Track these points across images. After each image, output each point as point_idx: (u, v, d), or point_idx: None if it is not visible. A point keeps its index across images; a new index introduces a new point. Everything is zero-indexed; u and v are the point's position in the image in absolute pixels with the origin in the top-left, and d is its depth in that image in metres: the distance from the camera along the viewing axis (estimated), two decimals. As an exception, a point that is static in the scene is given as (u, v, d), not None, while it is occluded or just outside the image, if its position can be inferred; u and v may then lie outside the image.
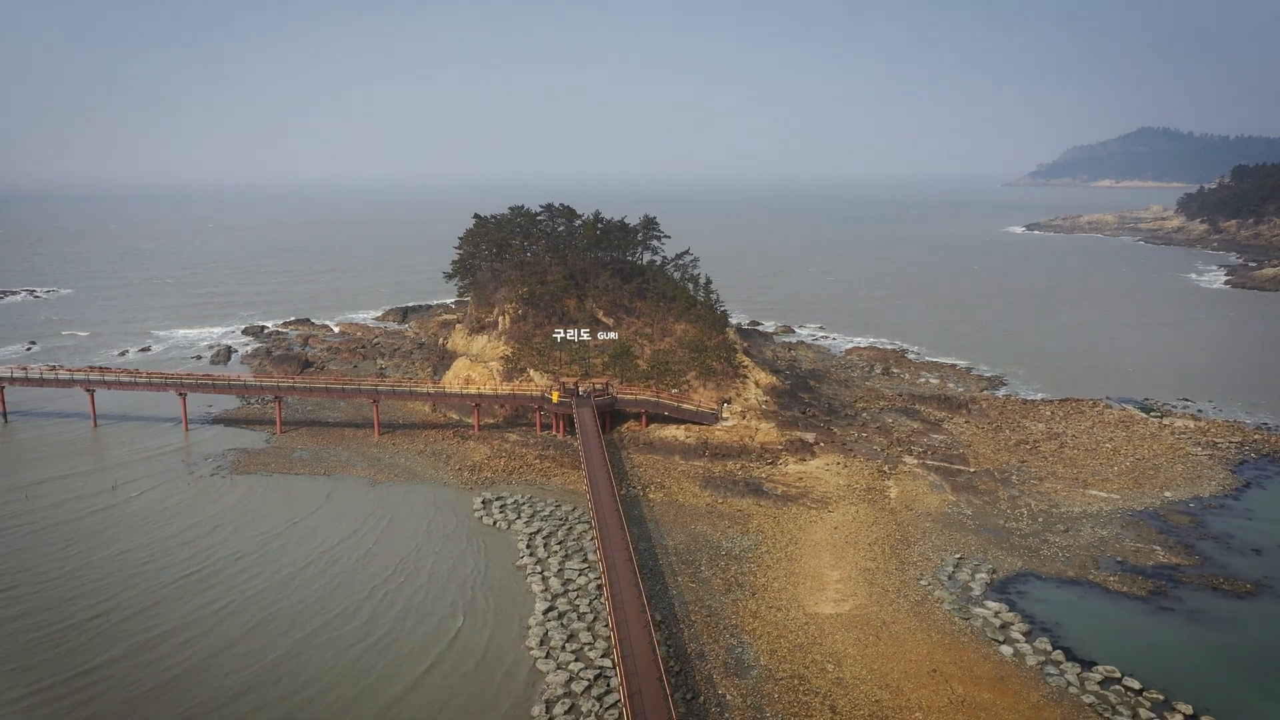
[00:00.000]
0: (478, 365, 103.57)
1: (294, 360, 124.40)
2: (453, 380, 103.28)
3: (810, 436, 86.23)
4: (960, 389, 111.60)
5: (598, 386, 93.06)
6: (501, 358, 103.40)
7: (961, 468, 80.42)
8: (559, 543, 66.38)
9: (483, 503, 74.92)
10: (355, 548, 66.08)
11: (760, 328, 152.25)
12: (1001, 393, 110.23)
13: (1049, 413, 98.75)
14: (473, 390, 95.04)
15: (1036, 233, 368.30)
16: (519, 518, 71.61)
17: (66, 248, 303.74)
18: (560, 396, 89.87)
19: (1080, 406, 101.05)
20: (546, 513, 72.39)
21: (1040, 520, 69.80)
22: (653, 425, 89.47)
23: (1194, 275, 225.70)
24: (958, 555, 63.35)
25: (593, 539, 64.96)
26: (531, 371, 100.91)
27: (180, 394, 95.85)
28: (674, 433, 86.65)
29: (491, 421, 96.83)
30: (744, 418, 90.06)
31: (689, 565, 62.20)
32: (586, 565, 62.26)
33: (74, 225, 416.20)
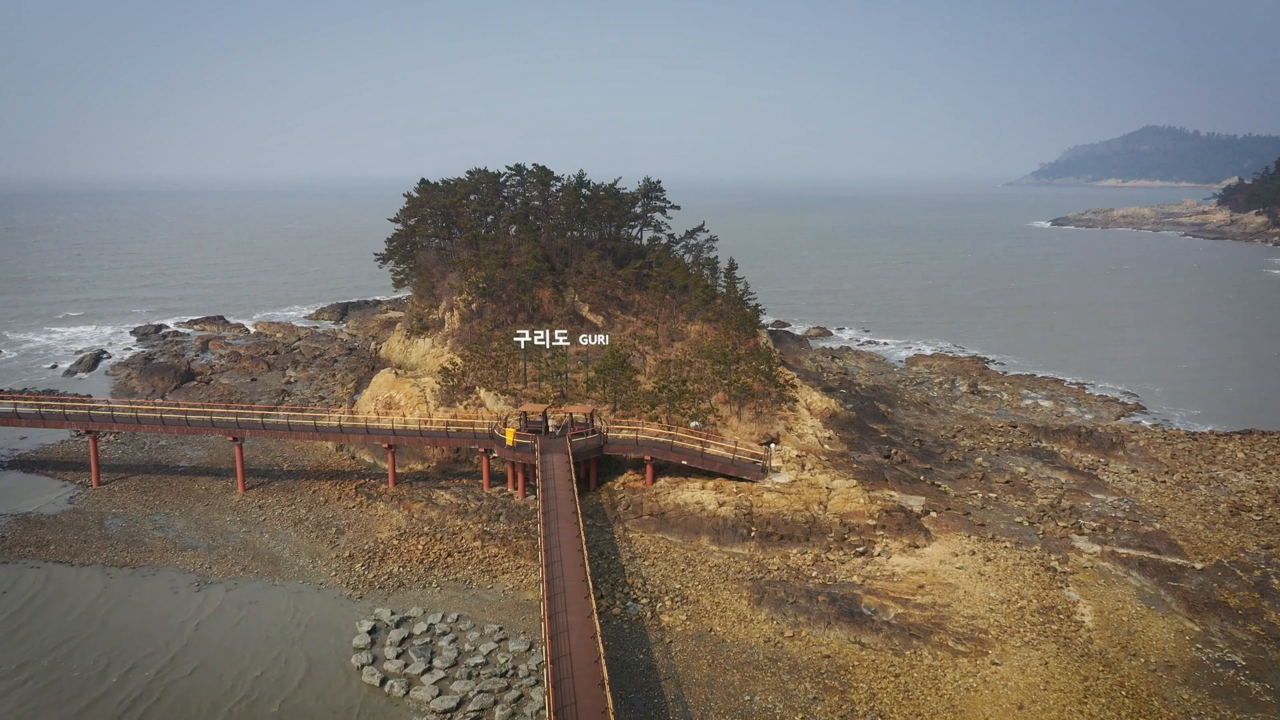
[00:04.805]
0: (405, 382, 71.35)
1: (170, 371, 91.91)
2: (369, 403, 71.18)
3: (916, 502, 54.34)
4: (1089, 416, 79.97)
5: (578, 417, 61.14)
6: (441, 370, 71.29)
7: (1179, 560, 48.65)
8: (494, 740, 34.51)
9: (373, 630, 42.99)
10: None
11: (789, 329, 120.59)
12: (1148, 422, 78.62)
13: (1241, 455, 67.24)
14: (385, 424, 62.70)
15: (1069, 228, 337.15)
16: (429, 668, 39.68)
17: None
18: (519, 434, 57.83)
19: (1277, 443, 69.62)
20: (481, 655, 40.53)
21: (1381, 681, 38.07)
22: (663, 480, 57.46)
23: (1278, 271, 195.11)
24: (1292, 786, 31.59)
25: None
26: (482, 392, 68.84)
27: (-57, 426, 63.58)
28: (697, 494, 54.59)
29: (420, 469, 64.81)
30: (803, 467, 58.17)
31: (753, 813, 30.27)
32: (542, 814, 30.37)
33: (6, 220, 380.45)
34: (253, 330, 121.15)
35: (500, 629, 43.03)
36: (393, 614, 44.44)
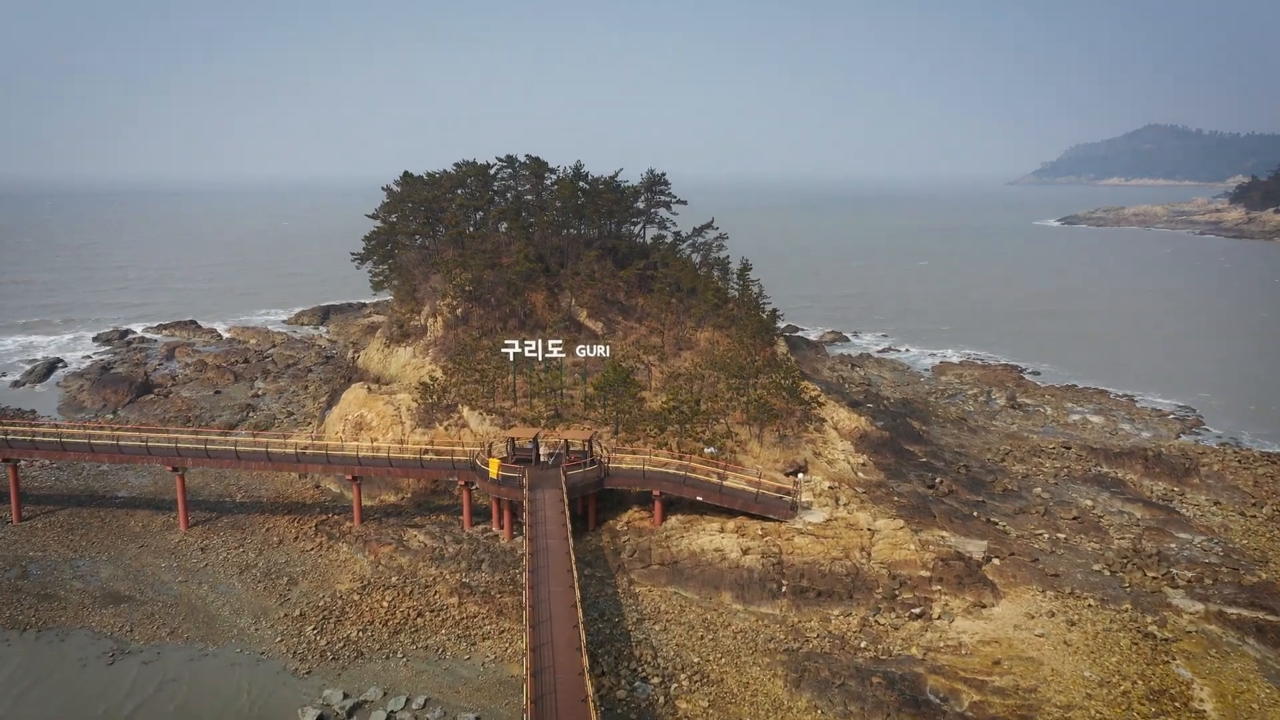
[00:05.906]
0: (378, 399, 62.87)
1: (125, 383, 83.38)
2: (338, 422, 62.70)
3: (975, 548, 45.94)
4: (1147, 434, 71.59)
5: (573, 444, 52.68)
6: (419, 386, 62.78)
7: (1301, 625, 40.23)
8: None
9: (320, 719, 34.58)
10: None
11: (802, 334, 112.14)
12: (1214, 441, 70.20)
13: (1332, 482, 58.87)
14: (350, 451, 54.16)
15: (1080, 226, 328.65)
16: (386, 778, 31.26)
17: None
18: (504, 464, 49.36)
19: (1369, 468, 61.24)
20: (450, 760, 32.14)
21: None
22: (675, 519, 49.02)
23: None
24: None
25: None
26: (466, 411, 60.37)
27: None
28: (716, 539, 46.13)
29: (393, 500, 56.36)
30: (838, 502, 49.74)
31: None
32: None
33: None
34: (225, 336, 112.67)
35: (478, 715, 34.64)
36: (345, 697, 36.05)
